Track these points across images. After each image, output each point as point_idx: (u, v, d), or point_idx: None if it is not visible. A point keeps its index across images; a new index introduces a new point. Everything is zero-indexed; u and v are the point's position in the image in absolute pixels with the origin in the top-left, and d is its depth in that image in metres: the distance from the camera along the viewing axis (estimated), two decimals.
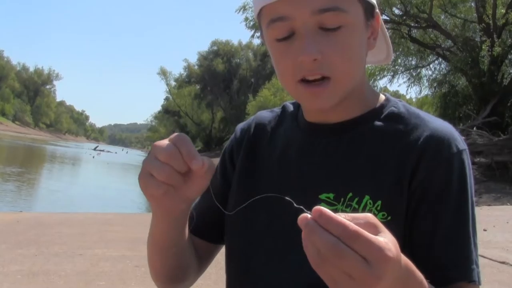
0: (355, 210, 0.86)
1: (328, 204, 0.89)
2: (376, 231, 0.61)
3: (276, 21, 0.86)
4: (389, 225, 0.85)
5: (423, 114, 0.94)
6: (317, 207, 0.60)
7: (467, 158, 0.88)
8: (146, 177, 0.78)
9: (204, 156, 0.81)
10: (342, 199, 0.89)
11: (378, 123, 0.94)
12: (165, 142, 0.78)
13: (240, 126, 1.12)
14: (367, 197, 0.87)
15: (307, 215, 0.61)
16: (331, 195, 0.90)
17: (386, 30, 1.02)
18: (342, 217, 0.59)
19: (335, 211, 0.88)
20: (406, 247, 0.86)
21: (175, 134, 0.79)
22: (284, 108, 1.08)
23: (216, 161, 1.13)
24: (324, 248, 0.58)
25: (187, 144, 0.78)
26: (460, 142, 0.89)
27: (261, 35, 0.94)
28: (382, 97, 0.99)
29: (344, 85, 0.88)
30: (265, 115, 1.11)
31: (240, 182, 1.05)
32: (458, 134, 0.90)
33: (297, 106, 1.06)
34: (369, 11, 0.90)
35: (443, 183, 0.85)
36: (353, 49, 0.87)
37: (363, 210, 0.86)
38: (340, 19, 0.84)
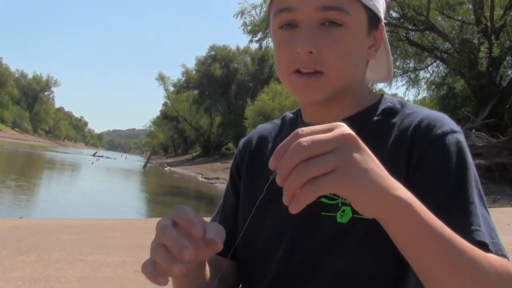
0: None
1: (328, 198, 0.90)
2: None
3: (283, 11, 0.90)
4: None
5: (417, 106, 0.96)
6: None
7: (462, 138, 0.88)
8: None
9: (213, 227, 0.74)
10: None
11: (374, 118, 0.96)
12: (168, 226, 0.71)
13: (242, 140, 1.16)
14: None
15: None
16: None
17: (389, 46, 1.04)
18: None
19: (336, 205, 0.90)
20: None
21: (176, 209, 0.73)
22: (284, 119, 1.12)
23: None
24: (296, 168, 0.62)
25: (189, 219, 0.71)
26: (453, 125, 0.89)
27: (269, 28, 0.98)
28: (378, 96, 1.01)
29: (336, 82, 0.90)
30: (266, 127, 1.14)
31: (244, 192, 1.07)
32: (453, 121, 0.91)
33: (296, 113, 1.09)
34: (373, 21, 0.93)
35: (440, 160, 0.84)
36: (350, 49, 0.90)
37: None
38: (342, 19, 0.88)
